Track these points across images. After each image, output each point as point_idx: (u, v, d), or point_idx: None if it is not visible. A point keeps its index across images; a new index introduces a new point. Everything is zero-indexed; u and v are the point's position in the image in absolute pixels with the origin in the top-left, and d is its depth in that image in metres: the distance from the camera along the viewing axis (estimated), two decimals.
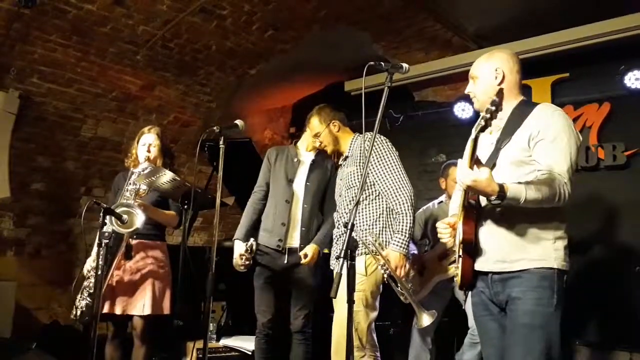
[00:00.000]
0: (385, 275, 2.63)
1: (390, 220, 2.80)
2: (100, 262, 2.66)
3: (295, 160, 3.25)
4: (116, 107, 4.96)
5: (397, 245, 2.70)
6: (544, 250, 1.96)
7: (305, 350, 3.08)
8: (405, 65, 2.16)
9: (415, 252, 3.76)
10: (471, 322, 3.44)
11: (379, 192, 2.83)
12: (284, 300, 3.18)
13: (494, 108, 1.77)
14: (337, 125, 3.03)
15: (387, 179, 2.80)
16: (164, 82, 4.99)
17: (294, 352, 3.11)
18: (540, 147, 1.96)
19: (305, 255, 3.01)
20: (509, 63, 2.13)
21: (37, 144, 4.68)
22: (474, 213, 2.02)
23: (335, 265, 2.92)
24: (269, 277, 3.13)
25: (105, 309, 2.97)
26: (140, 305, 3.00)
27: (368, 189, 2.83)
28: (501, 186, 1.83)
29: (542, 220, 1.97)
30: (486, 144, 2.12)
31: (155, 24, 4.31)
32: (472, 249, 2.02)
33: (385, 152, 2.83)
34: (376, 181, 2.83)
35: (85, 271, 3.06)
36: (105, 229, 2.68)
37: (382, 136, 2.90)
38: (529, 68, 4.74)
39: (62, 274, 4.96)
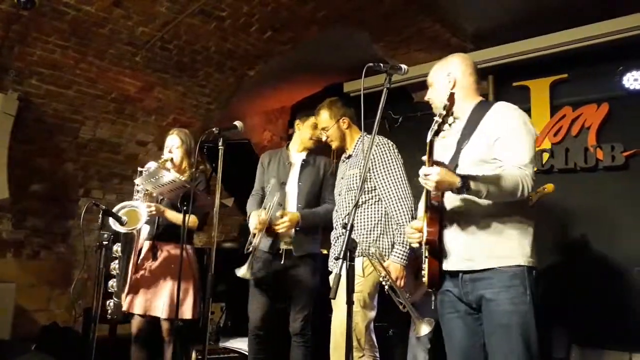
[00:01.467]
0: (386, 287, 2.63)
1: (389, 227, 2.81)
2: (100, 265, 2.70)
3: (287, 163, 3.25)
4: (115, 109, 4.96)
5: (398, 257, 2.71)
6: (511, 248, 1.98)
7: (304, 353, 3.07)
8: (404, 66, 2.16)
9: (412, 253, 3.75)
10: None
11: (380, 198, 2.83)
12: (283, 303, 3.17)
13: (444, 112, 1.82)
14: (346, 122, 3.02)
15: (389, 186, 2.79)
16: (162, 83, 4.99)
17: (293, 354, 3.10)
18: (500, 144, 1.99)
19: (283, 216, 2.98)
20: (461, 67, 2.18)
21: (36, 145, 4.67)
22: (437, 214, 2.04)
23: (333, 266, 2.93)
24: (264, 278, 3.11)
25: (130, 309, 3.07)
26: (165, 306, 3.06)
27: (369, 193, 2.83)
28: (463, 176, 1.87)
29: (506, 217, 1.99)
30: (448, 145, 2.14)
31: (154, 25, 4.31)
32: (437, 250, 2.04)
33: (390, 159, 2.83)
34: (378, 186, 2.82)
35: (114, 272, 3.11)
36: (106, 230, 2.74)
37: (390, 141, 2.91)
38: (528, 69, 4.81)
39: (61, 275, 4.97)
